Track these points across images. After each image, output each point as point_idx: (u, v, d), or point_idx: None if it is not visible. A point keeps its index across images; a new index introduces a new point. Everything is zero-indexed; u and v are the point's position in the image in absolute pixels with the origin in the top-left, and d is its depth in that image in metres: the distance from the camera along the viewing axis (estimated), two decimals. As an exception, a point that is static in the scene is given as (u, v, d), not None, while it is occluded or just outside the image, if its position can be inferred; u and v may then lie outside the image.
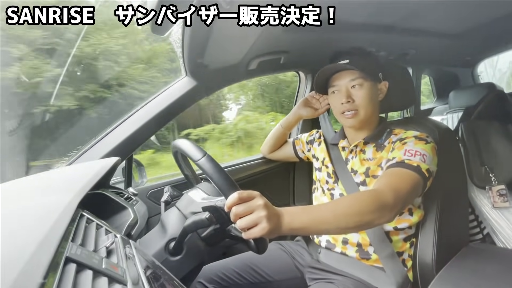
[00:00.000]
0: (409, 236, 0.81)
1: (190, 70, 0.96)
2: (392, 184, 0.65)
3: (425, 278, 0.79)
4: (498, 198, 1.01)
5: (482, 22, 1.15)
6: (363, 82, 0.78)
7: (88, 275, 0.25)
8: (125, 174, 1.02)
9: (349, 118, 0.81)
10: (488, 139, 1.07)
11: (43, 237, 0.25)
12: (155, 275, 0.40)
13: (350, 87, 0.80)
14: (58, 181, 0.56)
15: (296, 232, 0.55)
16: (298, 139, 1.10)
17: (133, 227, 0.69)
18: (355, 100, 0.79)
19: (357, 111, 0.79)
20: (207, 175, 0.57)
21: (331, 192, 0.90)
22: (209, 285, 0.80)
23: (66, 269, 0.24)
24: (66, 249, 0.26)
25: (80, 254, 0.27)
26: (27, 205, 0.36)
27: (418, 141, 0.74)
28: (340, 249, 0.84)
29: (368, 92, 0.79)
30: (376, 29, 1.02)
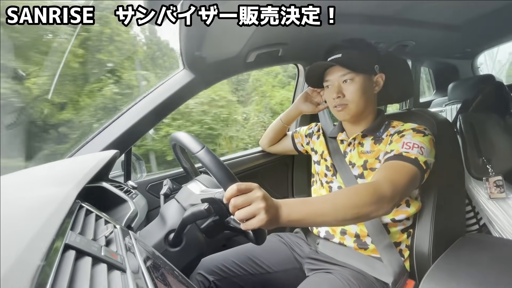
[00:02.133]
0: (406, 227, 0.82)
1: (188, 63, 0.96)
2: (390, 177, 0.65)
3: (421, 267, 0.81)
4: (495, 189, 1.02)
5: (482, 13, 1.14)
6: (354, 76, 0.79)
7: (87, 261, 0.25)
8: (124, 167, 1.02)
9: (340, 112, 0.82)
10: (486, 130, 1.08)
11: (41, 225, 0.26)
12: (155, 265, 0.41)
13: (342, 81, 0.80)
14: (57, 173, 0.56)
15: (294, 223, 0.56)
16: (297, 133, 1.10)
17: (133, 219, 0.70)
18: (345, 95, 0.80)
19: (347, 106, 0.80)
20: (205, 167, 0.57)
21: (329, 185, 0.90)
22: (209, 276, 0.81)
23: (65, 255, 0.24)
24: (65, 236, 0.27)
25: (79, 242, 0.27)
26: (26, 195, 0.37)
27: (416, 134, 0.74)
28: (338, 240, 0.85)
29: (359, 86, 0.79)
30: (375, 20, 1.01)
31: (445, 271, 0.74)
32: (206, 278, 0.81)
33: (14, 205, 0.31)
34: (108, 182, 0.78)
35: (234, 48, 0.96)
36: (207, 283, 0.80)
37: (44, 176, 0.53)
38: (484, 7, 1.09)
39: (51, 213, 0.30)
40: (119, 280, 0.26)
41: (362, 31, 1.07)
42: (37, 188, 0.43)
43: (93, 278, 0.24)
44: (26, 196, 0.37)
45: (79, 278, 0.23)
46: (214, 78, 1.10)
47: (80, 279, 0.23)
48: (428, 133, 0.75)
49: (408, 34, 1.24)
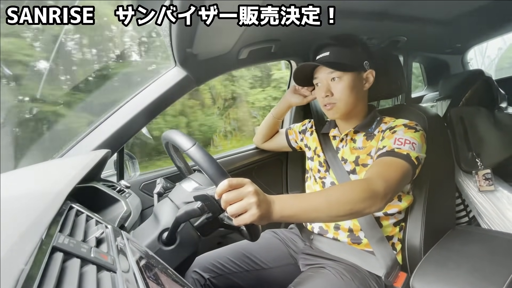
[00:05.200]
0: (398, 221, 0.83)
1: (179, 60, 0.94)
2: (383, 173, 0.66)
3: (413, 260, 0.82)
4: (484, 182, 1.04)
5: (471, 8, 1.15)
6: (342, 74, 0.79)
7: (75, 263, 0.25)
8: (117, 166, 1.01)
9: (329, 110, 0.82)
10: (476, 125, 1.10)
11: (27, 226, 0.25)
12: (148, 265, 0.41)
13: (330, 79, 0.80)
14: (47, 173, 0.55)
15: (287, 219, 0.56)
16: (291, 129, 1.11)
17: (126, 219, 0.69)
18: (334, 93, 0.80)
19: (335, 104, 0.81)
20: (197, 164, 0.57)
21: (322, 181, 0.91)
22: (204, 274, 0.81)
23: (53, 258, 0.24)
24: (53, 238, 0.26)
25: (67, 244, 0.26)
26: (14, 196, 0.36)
27: (408, 130, 0.75)
28: (332, 235, 0.86)
29: (347, 84, 0.79)
30: (367, 16, 1.01)
31: (436, 262, 0.76)
32: (201, 276, 0.81)
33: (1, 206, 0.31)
34: (100, 182, 0.77)
35: (226, 45, 0.95)
36: (203, 281, 0.80)
37: (33, 177, 0.52)
38: (473, 2, 1.10)
39: (39, 214, 0.30)
40: (108, 281, 0.25)
41: (354, 27, 1.07)
42: (25, 188, 0.42)
43: (81, 280, 0.23)
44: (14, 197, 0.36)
45: (67, 280, 0.22)
46: (207, 75, 1.09)
47: (68, 280, 0.22)
48: (419, 129, 0.76)
49: (400, 30, 1.25)
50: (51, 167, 0.63)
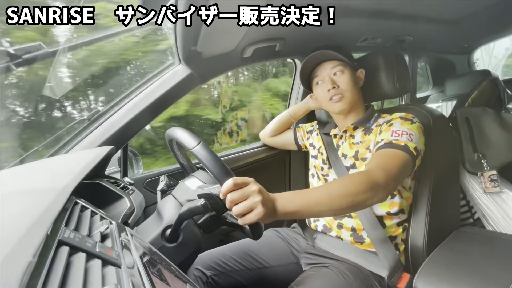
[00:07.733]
0: (402, 221, 0.83)
1: (184, 58, 0.95)
2: (383, 164, 0.67)
3: (416, 261, 0.82)
4: (489, 184, 1.03)
5: (479, 8, 1.14)
6: (343, 68, 0.83)
7: (81, 257, 0.25)
8: (121, 163, 1.01)
9: (337, 102, 0.84)
10: (481, 125, 1.08)
11: (34, 221, 0.25)
12: (152, 260, 0.41)
13: (333, 74, 0.84)
14: (52, 169, 0.56)
15: (290, 215, 0.56)
16: (300, 127, 1.12)
17: (130, 216, 0.70)
18: (339, 85, 0.83)
19: (343, 95, 0.83)
20: (201, 163, 0.57)
21: (325, 178, 0.92)
22: (206, 272, 0.82)
23: (59, 251, 0.24)
24: (59, 232, 0.26)
25: (73, 238, 0.27)
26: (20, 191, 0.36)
27: (404, 122, 0.77)
28: (335, 233, 0.86)
29: (350, 77, 0.84)
30: (373, 15, 1.00)
31: (439, 264, 0.75)
32: (203, 273, 0.81)
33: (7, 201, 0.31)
34: (105, 179, 0.77)
35: (230, 43, 0.95)
36: (205, 278, 0.81)
37: (39, 172, 0.53)
38: (481, 2, 1.08)
39: (45, 209, 0.30)
40: (114, 275, 0.26)
41: (359, 26, 1.07)
42: (31, 184, 0.43)
43: (87, 274, 0.23)
44: (20, 192, 0.37)
45: (73, 273, 0.23)
46: (211, 73, 1.09)
47: (74, 274, 0.22)
48: (416, 121, 0.77)
49: (406, 29, 1.24)
50: (56, 163, 0.63)
